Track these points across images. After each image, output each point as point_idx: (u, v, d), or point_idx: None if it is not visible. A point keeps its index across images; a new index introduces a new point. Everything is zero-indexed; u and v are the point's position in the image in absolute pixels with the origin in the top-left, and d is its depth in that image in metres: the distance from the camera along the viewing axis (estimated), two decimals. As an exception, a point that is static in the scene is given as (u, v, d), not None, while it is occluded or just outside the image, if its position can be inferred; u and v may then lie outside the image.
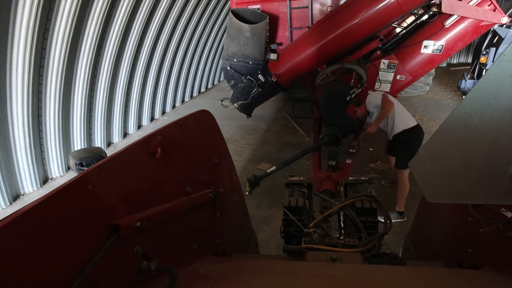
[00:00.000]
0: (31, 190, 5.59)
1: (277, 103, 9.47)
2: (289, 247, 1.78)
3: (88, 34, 5.92)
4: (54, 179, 6.04)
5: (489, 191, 1.12)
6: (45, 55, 5.26)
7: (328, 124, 4.68)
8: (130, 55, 7.39)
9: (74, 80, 6.09)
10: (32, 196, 5.46)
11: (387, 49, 4.98)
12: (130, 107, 8.18)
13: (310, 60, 4.83)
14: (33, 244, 0.82)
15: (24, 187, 5.54)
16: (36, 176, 5.62)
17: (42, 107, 5.54)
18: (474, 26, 4.49)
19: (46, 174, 5.97)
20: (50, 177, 6.04)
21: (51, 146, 5.90)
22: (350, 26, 4.44)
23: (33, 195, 5.50)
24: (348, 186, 2.51)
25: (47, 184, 5.87)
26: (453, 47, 4.67)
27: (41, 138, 5.69)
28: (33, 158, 5.47)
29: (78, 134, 6.50)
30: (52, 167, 6.04)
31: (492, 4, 4.30)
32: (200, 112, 1.68)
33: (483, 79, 1.06)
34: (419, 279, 1.40)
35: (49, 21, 5.08)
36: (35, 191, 5.60)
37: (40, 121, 5.57)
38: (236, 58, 4.89)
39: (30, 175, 5.54)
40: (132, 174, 1.21)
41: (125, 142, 7.77)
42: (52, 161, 5.99)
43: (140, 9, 7.00)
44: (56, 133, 5.89)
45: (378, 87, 5.02)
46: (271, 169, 2.96)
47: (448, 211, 1.72)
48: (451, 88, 9.90)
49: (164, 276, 1.20)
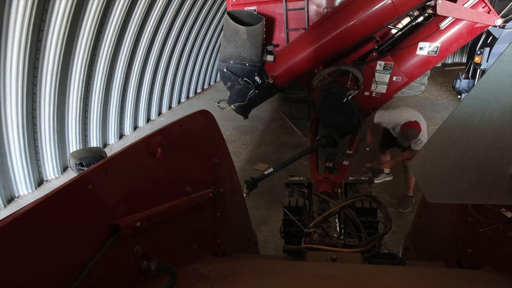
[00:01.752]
0: (25, 193, 5.53)
1: (273, 104, 9.47)
2: (289, 247, 1.78)
3: (83, 35, 5.88)
4: (49, 181, 5.98)
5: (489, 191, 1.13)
6: (40, 56, 5.21)
7: (325, 126, 4.69)
8: (126, 56, 7.35)
9: (69, 81, 6.04)
10: (26, 199, 5.39)
11: (383, 50, 5.00)
12: (126, 108, 8.13)
13: (307, 62, 4.84)
14: (33, 244, 0.81)
15: (19, 189, 5.48)
16: (31, 178, 5.57)
17: (36, 108, 5.49)
18: (469, 28, 4.54)
19: (41, 176, 5.91)
20: (45, 179, 5.98)
21: (46, 147, 5.84)
22: (346, 27, 4.45)
23: (28, 197, 5.44)
24: (348, 186, 2.51)
25: (42, 186, 5.81)
26: (448, 49, 4.72)
27: (36, 139, 5.63)
28: (27, 160, 5.42)
29: (74, 135, 6.44)
30: (47, 169, 5.98)
31: (486, 6, 4.33)
32: (200, 112, 1.67)
33: (483, 79, 1.06)
34: (419, 279, 1.41)
35: (44, 22, 5.03)
36: (30, 193, 5.54)
37: (34, 122, 5.52)
38: (233, 60, 4.90)
39: (25, 177, 5.48)
40: (132, 174, 1.21)
41: (121, 144, 7.73)
42: (47, 162, 5.93)
43: (136, 10, 6.96)
44: (51, 135, 5.84)
45: (375, 88, 5.06)
46: (269, 171, 2.96)
47: (448, 211, 1.73)
48: (446, 88, 9.99)
49: (164, 276, 1.20)
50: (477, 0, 4.31)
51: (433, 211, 1.94)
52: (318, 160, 4.69)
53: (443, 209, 1.78)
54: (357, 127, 4.76)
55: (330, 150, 4.41)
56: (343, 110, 4.58)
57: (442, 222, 1.85)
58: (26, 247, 0.79)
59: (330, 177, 4.04)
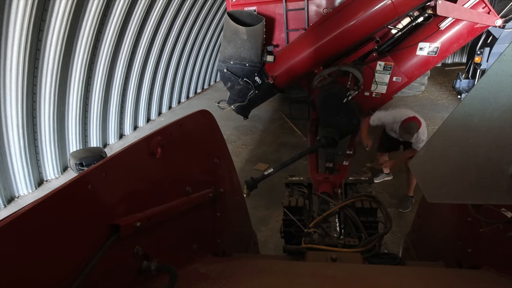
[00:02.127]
0: (25, 193, 5.53)
1: (273, 104, 9.47)
2: (289, 247, 1.78)
3: (83, 35, 5.87)
4: (49, 181, 5.97)
5: (489, 191, 1.13)
6: (40, 56, 5.20)
7: (325, 126, 4.69)
8: (126, 56, 7.35)
9: (69, 81, 6.03)
10: (27, 199, 5.39)
11: (383, 50, 5.00)
12: (126, 108, 8.12)
13: (307, 62, 4.84)
14: (33, 244, 0.81)
15: (19, 189, 5.48)
16: (31, 178, 5.56)
17: (36, 108, 5.49)
18: (469, 28, 4.54)
19: (41, 176, 5.90)
20: (45, 179, 5.98)
21: (46, 147, 5.84)
22: (346, 28, 4.45)
23: (28, 197, 5.44)
24: (348, 186, 2.51)
25: (42, 186, 5.81)
26: (448, 49, 4.72)
27: (36, 139, 5.63)
28: (27, 160, 5.42)
29: (74, 135, 6.44)
30: (47, 169, 5.98)
31: (486, 6, 4.33)
32: (200, 112, 1.67)
33: (483, 79, 1.06)
34: (419, 279, 1.40)
35: (44, 21, 5.03)
36: (30, 193, 5.54)
37: (34, 122, 5.52)
38: (233, 61, 4.90)
39: (25, 177, 5.48)
40: (132, 174, 1.21)
41: (121, 143, 7.72)
42: (47, 162, 5.93)
43: (136, 9, 6.96)
44: (51, 135, 5.84)
45: (375, 88, 5.05)
46: (269, 172, 2.96)
47: (448, 211, 1.73)
48: (446, 88, 9.97)
49: (164, 276, 1.20)
50: (477, 1, 4.30)
51: (433, 211, 1.94)
52: (318, 161, 4.70)
53: (443, 209, 1.78)
54: (357, 128, 4.77)
55: (330, 150, 4.42)
56: (343, 111, 4.59)
57: (442, 222, 1.85)
58: (26, 247, 0.79)
59: (330, 178, 4.04)
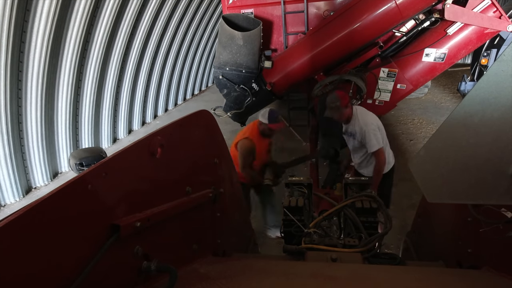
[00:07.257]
0: (12, 201, 5.35)
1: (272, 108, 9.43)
2: (289, 247, 1.78)
3: (71, 36, 5.68)
4: (38, 188, 5.79)
5: (489, 191, 1.12)
6: (24, 59, 5.01)
7: (325, 135, 4.60)
8: (118, 57, 7.15)
9: (58, 84, 5.83)
10: (13, 207, 5.22)
11: (387, 56, 4.80)
12: (120, 111, 7.92)
13: (307, 68, 4.69)
14: (33, 244, 0.81)
15: (5, 197, 5.30)
16: (18, 186, 5.39)
17: (22, 113, 5.29)
18: (478, 34, 4.29)
19: (29, 184, 5.72)
20: (33, 187, 5.79)
21: (34, 153, 5.65)
22: (348, 32, 4.30)
23: (15, 205, 5.26)
24: (348, 186, 2.51)
25: (30, 194, 5.62)
26: (456, 55, 4.47)
27: (23, 146, 5.44)
28: (14, 167, 5.23)
29: (64, 140, 6.25)
30: (36, 176, 5.80)
31: (497, 10, 4.09)
32: (200, 112, 1.67)
33: (483, 79, 1.07)
34: (419, 279, 1.41)
35: (26, 22, 4.83)
36: (17, 201, 5.36)
37: (20, 128, 5.32)
38: (229, 67, 4.72)
39: (11, 185, 5.30)
40: (132, 174, 1.21)
41: (115, 148, 7.60)
42: (36, 169, 5.75)
43: (128, 9, 6.75)
44: (38, 140, 5.65)
45: (378, 96, 4.85)
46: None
47: (448, 211, 1.73)
48: (450, 90, 9.76)
49: (164, 276, 1.20)
50: (488, 4, 4.08)
51: (433, 211, 1.94)
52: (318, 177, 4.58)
53: (443, 209, 1.78)
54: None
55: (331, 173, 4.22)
56: None
57: (442, 222, 1.85)
58: (26, 247, 0.79)
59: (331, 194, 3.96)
